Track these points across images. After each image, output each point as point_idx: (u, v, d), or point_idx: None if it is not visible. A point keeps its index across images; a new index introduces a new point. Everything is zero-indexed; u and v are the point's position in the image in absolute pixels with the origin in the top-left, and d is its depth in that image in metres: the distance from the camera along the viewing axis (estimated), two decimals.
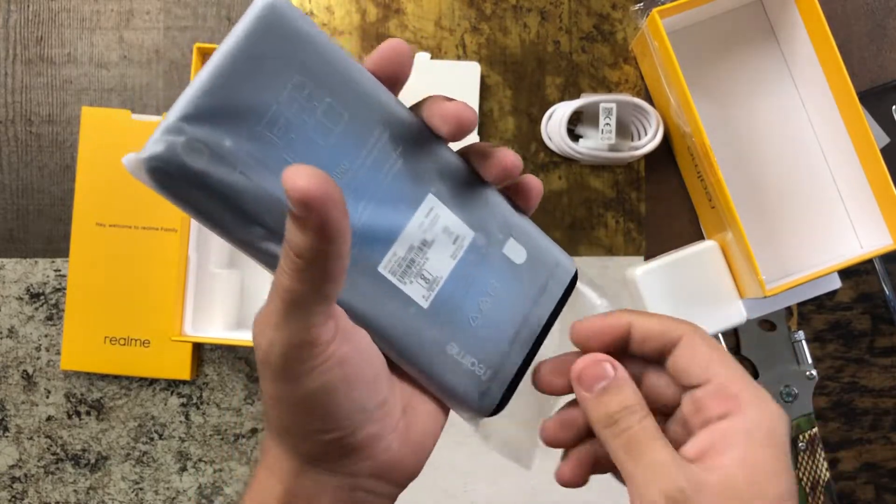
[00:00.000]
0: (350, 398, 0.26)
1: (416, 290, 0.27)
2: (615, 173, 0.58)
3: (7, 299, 0.57)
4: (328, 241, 0.22)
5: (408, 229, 0.27)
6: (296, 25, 0.25)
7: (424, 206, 0.27)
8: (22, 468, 0.57)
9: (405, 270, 0.27)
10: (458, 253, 0.28)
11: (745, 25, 0.57)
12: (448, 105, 0.27)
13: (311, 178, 0.21)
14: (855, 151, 0.54)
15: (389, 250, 0.27)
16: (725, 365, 0.28)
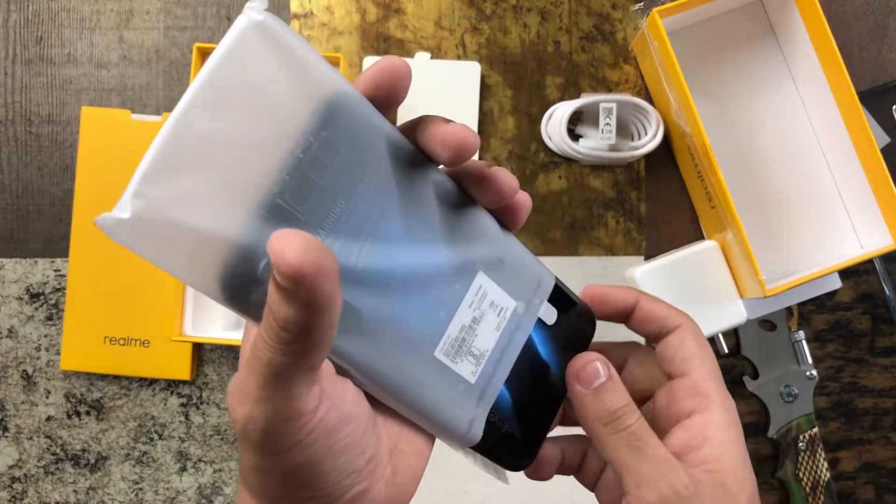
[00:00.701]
0: (337, 466, 0.24)
1: (466, 368, 0.27)
2: (615, 173, 0.58)
3: (7, 299, 0.57)
4: (317, 314, 0.20)
5: (460, 310, 0.26)
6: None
7: (475, 285, 0.27)
8: (22, 468, 0.57)
9: (457, 350, 0.27)
10: (502, 324, 0.28)
11: (745, 25, 0.57)
12: (448, 129, 0.24)
13: (302, 251, 0.19)
14: (855, 151, 0.54)
15: (444, 333, 0.26)
16: (703, 362, 0.30)
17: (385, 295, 0.25)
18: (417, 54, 0.57)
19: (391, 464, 0.27)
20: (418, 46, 0.58)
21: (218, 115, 0.21)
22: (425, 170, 0.26)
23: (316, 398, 0.23)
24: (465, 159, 0.25)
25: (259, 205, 0.22)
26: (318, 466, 0.24)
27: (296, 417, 0.23)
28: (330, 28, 0.58)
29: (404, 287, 0.25)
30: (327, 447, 0.24)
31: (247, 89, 0.22)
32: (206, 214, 0.21)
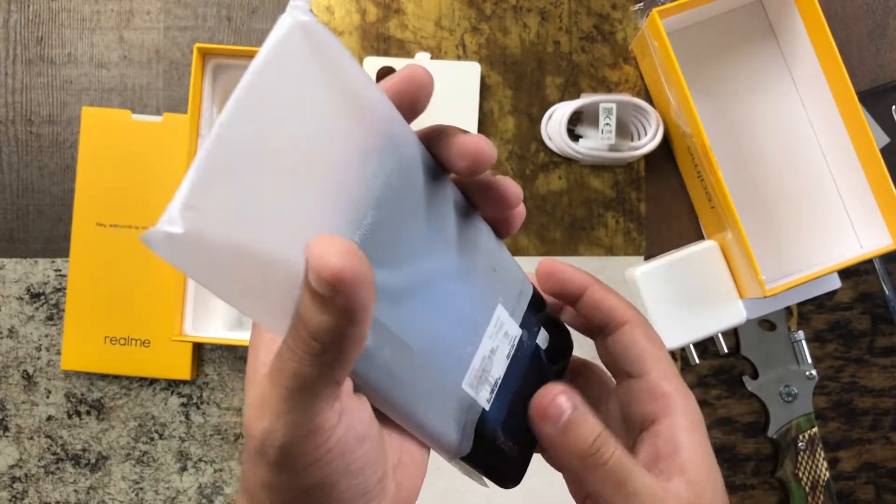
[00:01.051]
0: (352, 486, 0.24)
1: (483, 395, 0.27)
2: (615, 173, 0.58)
3: (7, 299, 0.57)
4: (352, 324, 0.20)
5: (483, 342, 0.27)
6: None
7: (495, 317, 0.27)
8: (22, 468, 0.57)
9: (479, 380, 0.27)
10: (511, 351, 0.28)
11: (745, 25, 0.57)
12: (468, 139, 0.24)
13: (344, 255, 0.18)
14: (855, 151, 0.54)
15: (470, 365, 0.26)
16: (659, 361, 0.29)
17: (414, 318, 0.24)
18: (417, 54, 0.57)
19: (395, 479, 0.26)
20: (418, 46, 0.58)
21: (270, 121, 0.20)
22: (489, 241, 0.26)
23: (337, 415, 0.22)
24: (483, 170, 0.25)
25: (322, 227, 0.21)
26: (334, 487, 0.23)
27: (317, 434, 0.22)
28: (330, 28, 0.58)
29: (432, 308, 0.25)
30: (344, 466, 0.23)
31: (294, 94, 0.20)
32: (267, 232, 0.19)
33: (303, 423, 0.22)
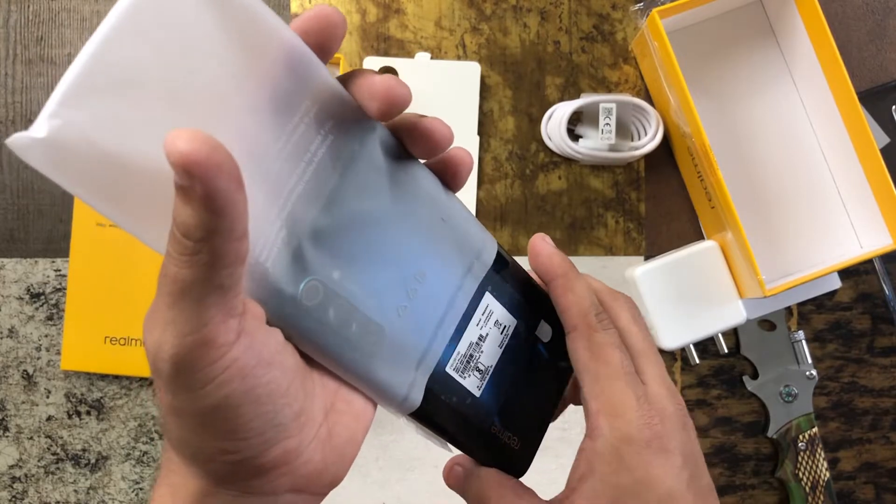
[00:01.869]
0: (259, 414, 0.23)
1: (472, 382, 0.28)
2: (615, 173, 0.58)
3: (7, 299, 0.57)
4: (218, 216, 0.19)
5: (469, 328, 0.28)
6: None
7: (482, 305, 0.28)
8: (22, 468, 0.57)
9: (465, 366, 0.28)
10: (505, 341, 0.29)
11: (745, 25, 0.57)
12: (376, 80, 0.24)
13: (193, 140, 0.18)
14: (855, 151, 0.54)
15: (455, 350, 0.27)
16: (595, 380, 0.28)
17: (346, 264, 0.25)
18: (417, 54, 0.57)
19: (327, 424, 0.25)
20: (418, 46, 0.58)
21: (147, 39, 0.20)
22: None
23: (233, 332, 0.21)
24: (396, 112, 0.24)
25: None
26: (236, 410, 0.22)
27: (208, 347, 0.21)
28: None
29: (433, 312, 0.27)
30: (245, 390, 0.22)
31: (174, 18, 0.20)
32: (130, 140, 0.20)
33: (190, 333, 0.21)
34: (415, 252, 0.26)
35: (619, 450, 0.27)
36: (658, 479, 0.27)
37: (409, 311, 0.26)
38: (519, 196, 0.58)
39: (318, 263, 0.24)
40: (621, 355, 0.29)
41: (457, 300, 0.28)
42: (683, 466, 0.28)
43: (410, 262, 0.26)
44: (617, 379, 0.28)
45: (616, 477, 0.27)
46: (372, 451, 0.57)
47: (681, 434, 0.28)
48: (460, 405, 0.28)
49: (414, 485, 0.57)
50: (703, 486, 0.29)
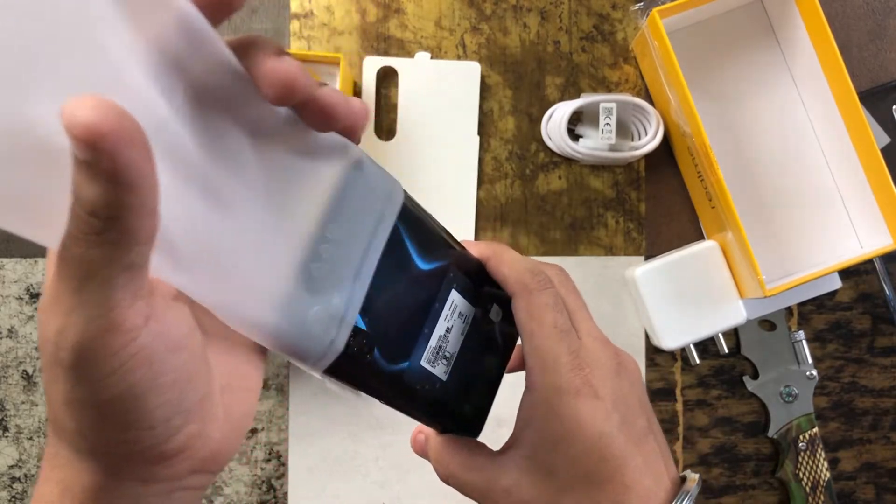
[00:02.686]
0: (165, 402, 0.22)
1: (440, 369, 0.30)
2: (615, 173, 0.58)
3: (7, 299, 0.57)
4: (129, 191, 0.17)
5: (438, 325, 0.30)
6: None
7: (449, 303, 0.30)
8: (22, 468, 0.57)
9: (435, 357, 0.30)
10: (465, 328, 0.31)
11: (745, 25, 0.57)
12: (277, 66, 0.21)
13: (97, 108, 0.16)
14: (855, 151, 0.54)
15: (427, 345, 0.29)
16: (530, 336, 0.30)
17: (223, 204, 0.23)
18: (417, 54, 0.57)
19: (223, 402, 0.25)
20: (418, 46, 0.58)
21: None
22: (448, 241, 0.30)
23: (141, 316, 0.20)
24: (295, 99, 0.22)
25: None
26: (140, 401, 0.21)
27: (115, 333, 0.19)
28: (330, 28, 0.58)
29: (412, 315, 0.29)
30: (152, 377, 0.21)
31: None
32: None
33: (96, 318, 0.19)
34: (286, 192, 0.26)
35: (550, 400, 0.29)
36: (587, 424, 0.29)
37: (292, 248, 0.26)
38: (519, 196, 0.58)
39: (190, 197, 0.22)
40: (555, 314, 0.30)
41: (431, 306, 0.30)
42: (613, 410, 0.30)
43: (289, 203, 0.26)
44: (549, 336, 0.30)
45: (548, 425, 0.29)
46: (372, 451, 0.57)
47: (612, 380, 0.30)
48: (431, 391, 0.30)
49: (414, 485, 0.57)
50: (636, 426, 0.30)
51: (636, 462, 0.29)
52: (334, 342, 0.25)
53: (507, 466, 0.30)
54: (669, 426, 0.58)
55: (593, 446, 0.29)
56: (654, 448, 0.31)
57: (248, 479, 0.57)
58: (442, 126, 0.57)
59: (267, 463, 0.57)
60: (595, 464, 0.29)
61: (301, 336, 0.25)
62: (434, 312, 0.30)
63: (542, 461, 0.30)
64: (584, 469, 0.29)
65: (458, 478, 0.32)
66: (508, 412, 0.46)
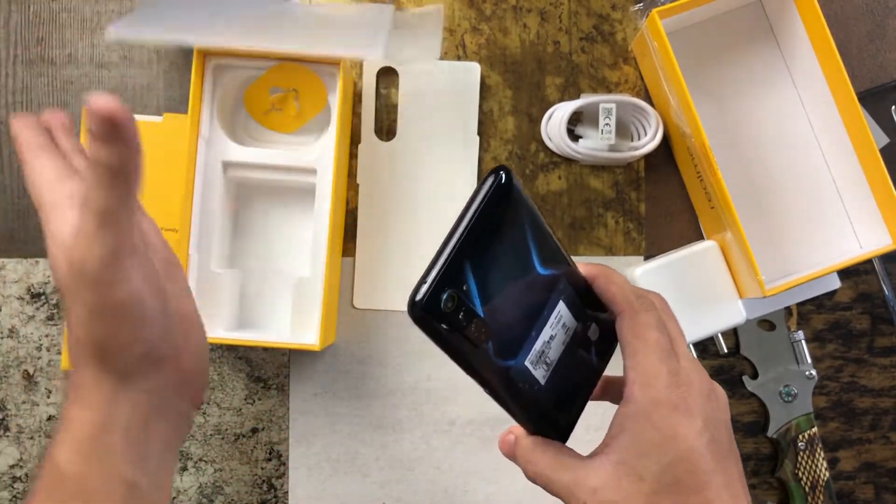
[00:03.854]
0: (153, 306, 0.32)
1: (540, 373, 0.34)
2: (615, 173, 0.58)
3: (8, 299, 0.57)
4: (135, 153, 0.29)
5: (545, 331, 0.33)
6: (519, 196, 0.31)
7: (556, 311, 0.34)
8: (23, 468, 0.57)
9: (538, 360, 0.33)
10: (567, 339, 0.35)
11: (744, 26, 0.57)
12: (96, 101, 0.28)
13: (112, 101, 0.27)
14: (854, 151, 0.54)
15: (533, 347, 0.33)
16: (634, 353, 0.33)
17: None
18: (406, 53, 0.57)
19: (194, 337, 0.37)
20: None
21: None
22: (564, 257, 0.35)
23: (138, 237, 0.31)
24: (118, 135, 0.29)
25: None
26: (139, 303, 0.31)
27: (123, 248, 0.30)
28: None
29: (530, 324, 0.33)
30: (147, 287, 0.31)
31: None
32: None
33: (113, 241, 0.29)
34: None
35: (649, 412, 0.32)
36: (681, 437, 0.31)
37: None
38: None
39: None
40: (658, 334, 0.33)
41: (541, 311, 0.33)
42: (704, 429, 0.32)
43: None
44: (652, 353, 0.33)
45: (644, 434, 0.32)
46: (372, 451, 0.57)
47: (705, 402, 0.33)
48: (529, 391, 0.33)
49: (414, 485, 0.57)
50: (723, 448, 0.33)
51: (719, 480, 0.32)
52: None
53: (597, 468, 0.32)
54: None
55: (685, 458, 0.31)
56: (735, 471, 0.33)
57: (248, 478, 0.58)
58: (442, 126, 0.57)
59: (267, 462, 0.58)
60: (683, 474, 0.31)
61: None
62: (543, 318, 0.33)
63: (634, 466, 0.32)
64: (672, 477, 0.31)
65: (547, 476, 0.33)
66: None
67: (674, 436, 0.31)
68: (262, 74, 0.52)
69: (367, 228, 0.57)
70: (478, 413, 0.57)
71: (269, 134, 0.56)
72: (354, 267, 0.57)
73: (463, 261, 0.30)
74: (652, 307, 0.34)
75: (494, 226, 0.31)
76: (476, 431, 0.57)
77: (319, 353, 0.57)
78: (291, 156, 0.53)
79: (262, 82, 0.52)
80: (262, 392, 0.58)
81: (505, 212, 0.31)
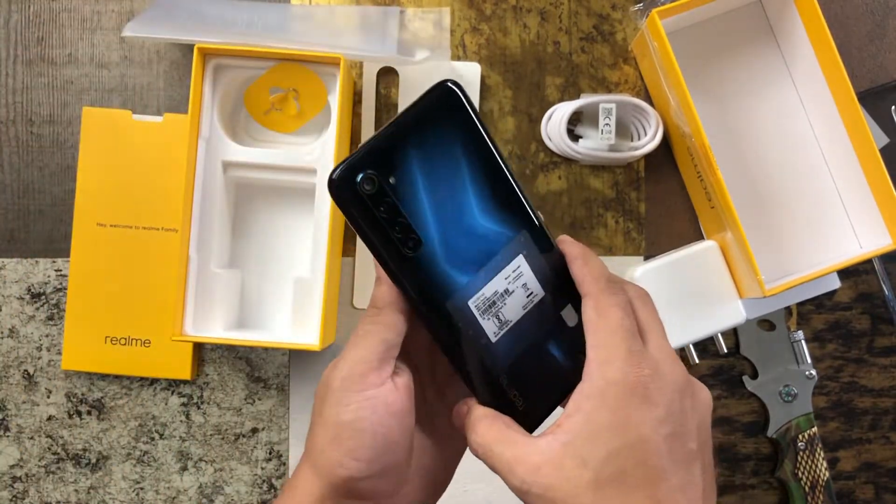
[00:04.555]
0: (372, 444, 0.31)
1: (491, 327, 0.33)
2: (615, 173, 0.58)
3: (8, 299, 0.57)
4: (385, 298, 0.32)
5: (497, 279, 0.33)
6: (464, 111, 0.31)
7: (514, 264, 0.33)
8: (23, 468, 0.57)
9: (486, 309, 0.33)
10: (529, 306, 0.33)
11: (744, 26, 0.58)
12: None
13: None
14: (854, 152, 0.54)
15: (480, 291, 0.32)
16: (595, 331, 0.31)
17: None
18: (418, 54, 0.57)
19: (413, 481, 0.34)
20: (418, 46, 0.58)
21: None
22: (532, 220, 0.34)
23: (384, 377, 0.32)
24: None
25: None
26: (360, 433, 0.31)
27: (363, 376, 0.31)
28: None
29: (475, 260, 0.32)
30: (371, 420, 0.31)
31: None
32: None
33: (358, 364, 0.31)
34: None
35: (604, 391, 0.30)
36: (633, 423, 0.29)
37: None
38: None
39: None
40: (623, 314, 0.31)
41: (492, 256, 0.32)
42: (665, 421, 0.29)
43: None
44: (613, 333, 0.31)
45: (597, 414, 0.29)
46: None
47: (672, 394, 0.30)
48: (475, 342, 0.32)
49: None
50: (687, 448, 0.30)
51: (673, 481, 0.29)
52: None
53: (542, 447, 0.30)
54: None
55: (634, 447, 0.29)
56: (696, 476, 0.30)
57: (248, 478, 0.58)
58: None
59: (267, 462, 0.58)
60: (631, 466, 0.28)
61: None
62: (495, 264, 0.32)
63: (580, 448, 0.29)
64: (617, 466, 0.28)
65: (490, 449, 0.31)
66: None
67: (626, 421, 0.29)
68: (262, 74, 0.52)
69: None
70: None
71: (269, 134, 0.56)
72: (354, 267, 0.57)
73: (391, 151, 0.30)
74: (621, 291, 0.32)
75: (437, 135, 0.30)
76: None
77: (319, 353, 0.57)
78: (291, 156, 0.53)
79: (262, 82, 0.52)
80: (262, 392, 0.58)
81: (451, 125, 0.31)
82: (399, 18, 0.56)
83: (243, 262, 0.56)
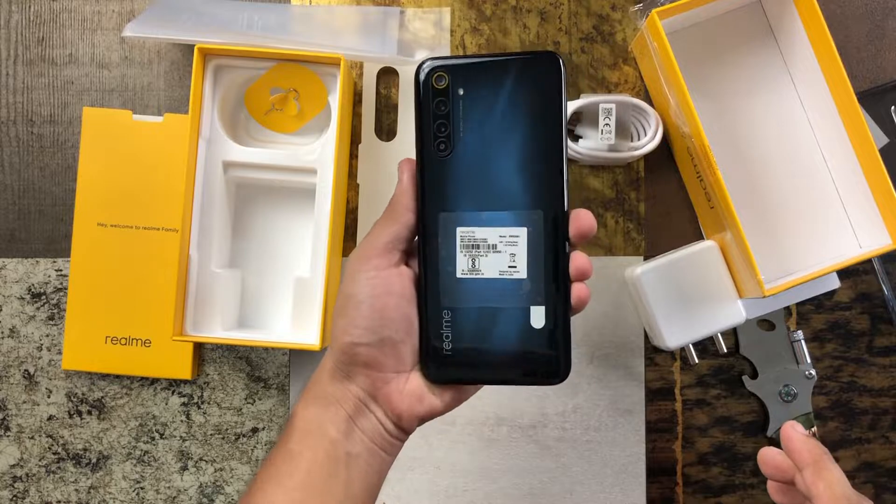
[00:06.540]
0: (368, 316, 0.37)
1: (463, 263, 0.36)
2: (615, 173, 0.59)
3: (8, 299, 0.57)
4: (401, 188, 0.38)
5: (492, 230, 0.35)
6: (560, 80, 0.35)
7: (515, 230, 0.35)
8: (23, 467, 0.57)
9: (468, 247, 0.36)
10: (506, 276, 0.36)
11: (744, 26, 0.58)
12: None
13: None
14: (854, 152, 0.54)
15: (472, 228, 0.36)
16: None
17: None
18: (417, 54, 0.57)
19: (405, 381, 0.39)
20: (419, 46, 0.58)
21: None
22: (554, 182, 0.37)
23: (391, 263, 0.38)
24: None
25: None
26: (359, 304, 0.37)
27: (369, 257, 0.37)
28: None
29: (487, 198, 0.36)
30: (372, 296, 0.37)
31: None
32: None
33: (369, 246, 0.37)
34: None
35: None
36: None
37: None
38: None
39: None
40: None
41: (503, 211, 0.36)
42: None
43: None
44: None
45: None
46: None
47: None
48: (444, 265, 0.37)
49: (414, 485, 0.57)
50: None
51: None
52: None
53: None
54: (668, 425, 0.58)
55: None
56: None
57: (248, 478, 0.58)
58: None
59: None
60: None
61: None
62: (499, 217, 0.36)
63: None
64: None
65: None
66: (508, 413, 0.47)
67: None
68: (263, 74, 0.52)
69: (367, 228, 0.57)
70: (478, 413, 0.57)
71: (269, 134, 0.56)
72: None
73: (476, 73, 0.34)
74: None
75: (522, 87, 0.34)
76: (476, 431, 0.57)
77: (319, 353, 0.57)
78: (291, 156, 0.53)
79: (262, 82, 0.53)
80: (262, 392, 0.58)
81: (540, 87, 0.34)
82: (399, 18, 0.56)
83: (243, 262, 0.56)
